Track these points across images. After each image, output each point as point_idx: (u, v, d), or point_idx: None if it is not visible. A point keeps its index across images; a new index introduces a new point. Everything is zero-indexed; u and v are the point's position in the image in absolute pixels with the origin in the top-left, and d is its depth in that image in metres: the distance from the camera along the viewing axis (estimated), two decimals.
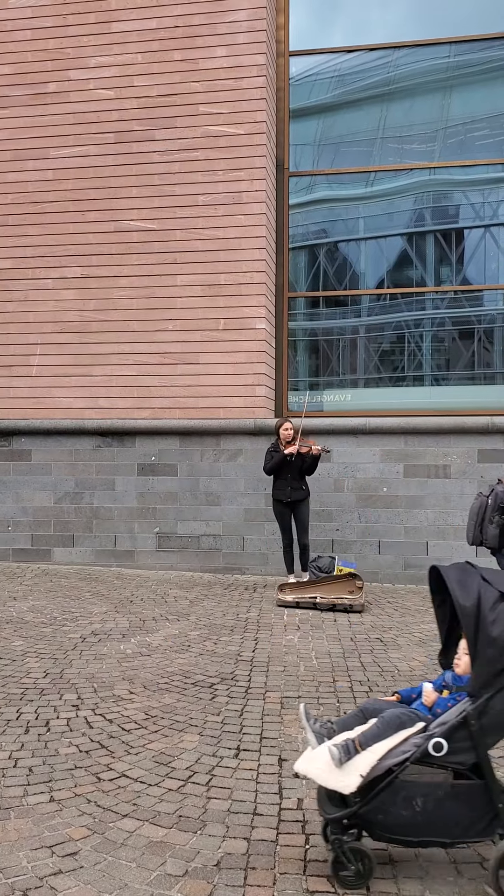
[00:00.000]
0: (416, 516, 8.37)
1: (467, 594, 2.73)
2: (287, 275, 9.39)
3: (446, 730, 2.68)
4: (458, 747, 2.68)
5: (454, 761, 2.68)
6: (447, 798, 2.68)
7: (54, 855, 2.87)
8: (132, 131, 8.88)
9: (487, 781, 2.68)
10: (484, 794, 2.68)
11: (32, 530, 9.08)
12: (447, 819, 2.68)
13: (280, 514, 7.73)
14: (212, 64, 8.73)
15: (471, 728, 2.66)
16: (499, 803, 2.67)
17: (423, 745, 2.67)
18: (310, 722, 2.92)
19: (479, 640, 2.68)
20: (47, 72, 9.04)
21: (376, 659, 5.46)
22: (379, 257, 9.58)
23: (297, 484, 7.62)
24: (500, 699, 2.67)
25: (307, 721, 2.93)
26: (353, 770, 2.68)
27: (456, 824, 2.68)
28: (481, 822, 2.69)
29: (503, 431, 8.21)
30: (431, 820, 2.67)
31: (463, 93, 9.21)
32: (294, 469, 7.52)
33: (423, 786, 2.69)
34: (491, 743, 2.70)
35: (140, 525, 8.87)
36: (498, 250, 9.19)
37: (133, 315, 8.90)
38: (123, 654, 5.46)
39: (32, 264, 9.12)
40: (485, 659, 2.68)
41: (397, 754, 2.69)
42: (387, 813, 2.68)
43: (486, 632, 2.67)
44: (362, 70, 9.40)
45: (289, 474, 7.55)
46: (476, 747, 2.67)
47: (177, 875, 2.74)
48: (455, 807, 2.68)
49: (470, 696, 2.72)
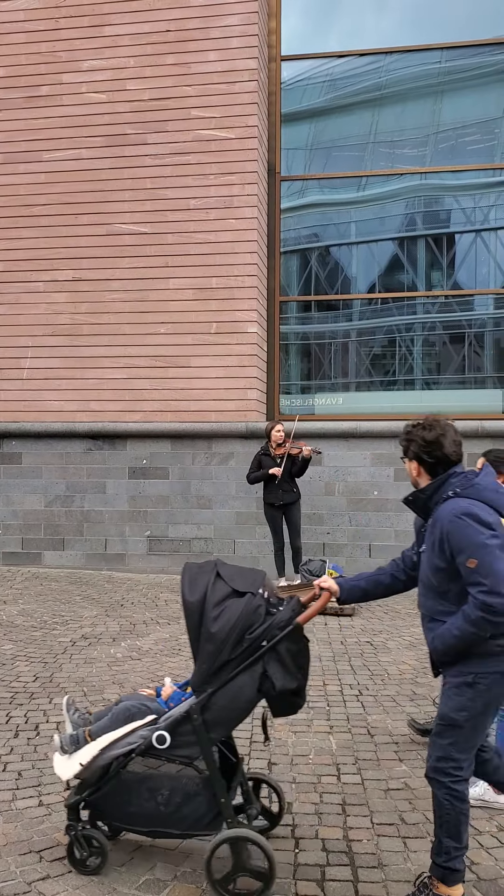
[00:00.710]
0: (407, 520, 8.38)
1: (194, 590, 2.73)
2: (279, 279, 9.41)
3: (170, 723, 2.72)
4: (183, 741, 2.71)
5: (180, 755, 2.72)
6: (176, 791, 2.72)
7: (43, 860, 2.87)
8: (125, 135, 8.89)
9: (211, 776, 2.69)
10: (208, 789, 2.70)
11: (23, 533, 9.06)
12: (176, 812, 2.72)
13: (271, 518, 7.73)
14: (204, 68, 8.75)
15: (193, 723, 2.69)
16: (221, 798, 2.68)
17: (149, 738, 2.72)
18: (69, 712, 3.06)
19: (200, 636, 2.69)
20: (40, 75, 9.03)
21: (366, 662, 5.48)
22: (370, 261, 9.61)
23: (289, 486, 7.62)
24: (222, 695, 2.68)
25: (67, 711, 3.06)
26: (76, 759, 2.78)
27: (185, 817, 2.72)
28: (207, 817, 2.72)
29: (493, 435, 8.24)
30: (161, 811, 2.72)
31: (454, 98, 9.26)
32: (284, 472, 7.53)
33: (153, 778, 2.74)
34: (215, 738, 2.73)
35: (131, 528, 8.86)
36: (488, 255, 9.23)
37: (125, 318, 8.90)
38: (113, 658, 5.46)
39: (24, 267, 9.10)
40: (205, 654, 2.68)
41: (123, 745, 2.75)
42: (117, 802, 2.75)
43: (207, 627, 2.67)
44: (354, 75, 9.43)
45: (277, 478, 7.54)
46: (199, 742, 2.69)
47: (165, 880, 2.75)
48: (183, 800, 2.72)
49: (194, 691, 2.74)
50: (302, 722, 4.28)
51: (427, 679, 5.10)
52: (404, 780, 3.58)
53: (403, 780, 3.57)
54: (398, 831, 3.11)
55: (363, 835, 3.08)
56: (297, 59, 9.48)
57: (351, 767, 3.70)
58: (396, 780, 3.56)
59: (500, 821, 3.20)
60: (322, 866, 2.85)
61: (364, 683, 5.00)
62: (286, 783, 3.51)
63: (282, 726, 4.20)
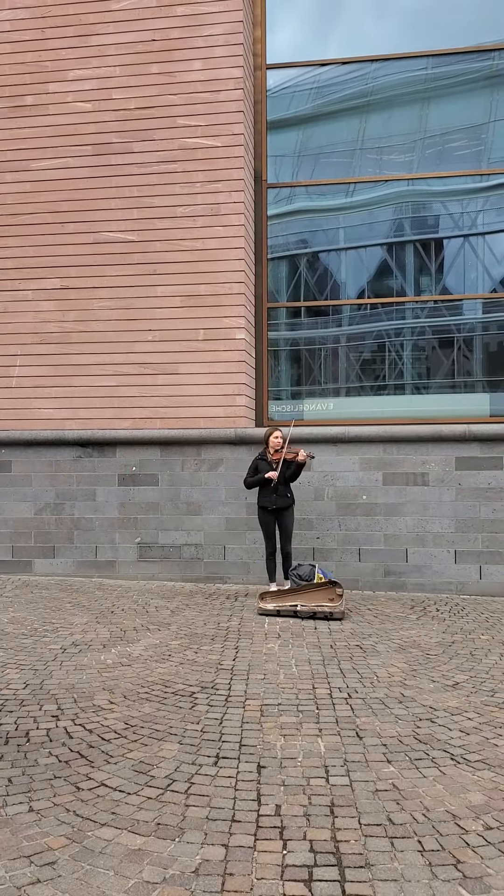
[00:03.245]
0: (396, 524, 8.43)
1: None
2: (266, 285, 9.46)
3: None
4: None
5: None
6: None
7: (32, 864, 2.88)
8: (110, 143, 8.93)
9: None
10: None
11: (13, 541, 9.06)
12: None
13: (264, 522, 7.75)
14: (189, 77, 8.81)
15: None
16: None
17: None
18: None
19: None
20: (26, 84, 9.08)
21: (355, 666, 5.50)
22: (359, 267, 9.67)
23: (283, 491, 7.66)
24: None
25: None
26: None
27: None
28: None
29: (480, 439, 8.30)
30: None
31: (440, 104, 9.33)
32: (280, 477, 7.57)
33: None
34: None
35: (121, 535, 8.87)
36: (476, 259, 9.31)
37: (113, 326, 8.93)
38: (104, 665, 5.47)
39: (11, 275, 9.13)
40: None
41: None
42: None
43: None
44: (340, 82, 9.51)
45: (272, 483, 7.58)
46: None
47: (155, 882, 2.76)
48: None
49: None
50: (291, 725, 4.30)
51: (415, 682, 5.14)
52: (392, 780, 3.60)
53: (391, 781, 3.59)
54: (385, 832, 3.13)
55: (351, 835, 3.10)
56: (283, 67, 9.55)
57: (339, 769, 3.72)
58: (384, 782, 3.59)
59: None
60: (309, 867, 2.87)
61: (353, 686, 5.02)
62: (275, 786, 3.53)
63: (271, 730, 4.22)
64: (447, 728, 4.28)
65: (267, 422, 9.32)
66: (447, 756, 3.89)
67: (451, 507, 8.33)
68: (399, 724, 4.34)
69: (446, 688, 5.02)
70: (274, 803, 3.38)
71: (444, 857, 2.94)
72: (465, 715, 4.50)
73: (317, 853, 2.97)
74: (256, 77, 9.46)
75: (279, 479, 7.56)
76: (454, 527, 8.32)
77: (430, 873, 2.83)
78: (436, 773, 3.68)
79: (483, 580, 8.25)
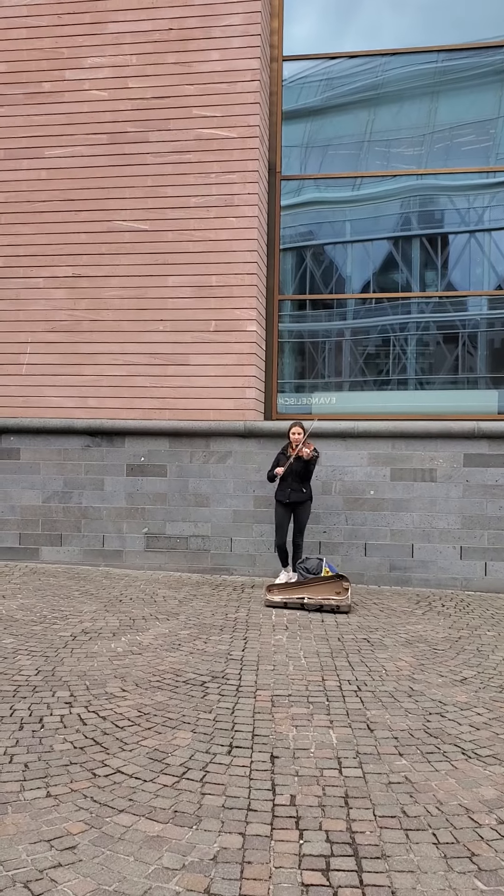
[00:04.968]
0: (402, 519, 8.46)
1: None
2: (277, 277, 9.46)
3: None
4: None
5: None
6: None
7: (53, 849, 2.91)
8: (126, 132, 8.92)
9: None
10: None
11: (20, 529, 9.09)
12: None
13: (278, 514, 7.87)
14: (206, 67, 8.79)
15: None
16: None
17: None
18: None
19: None
20: (42, 71, 9.06)
21: (364, 659, 5.54)
22: (367, 260, 9.66)
23: (298, 486, 7.72)
24: None
25: None
26: None
27: None
28: None
29: (489, 436, 8.32)
30: None
31: (453, 98, 9.31)
32: (295, 472, 7.64)
33: None
34: None
35: (129, 525, 8.90)
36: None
37: (124, 315, 8.94)
38: (115, 653, 5.50)
39: (24, 263, 9.13)
40: None
41: None
42: None
43: None
44: (352, 74, 9.48)
45: (289, 477, 7.66)
46: None
47: (174, 868, 2.80)
48: None
49: None
50: (302, 716, 4.34)
51: (424, 676, 5.17)
52: (404, 773, 3.64)
53: (404, 774, 3.63)
54: (400, 824, 3.17)
55: (366, 827, 3.13)
56: (300, 59, 9.52)
57: (352, 761, 3.76)
58: (397, 774, 3.63)
59: None
60: (326, 857, 2.90)
61: (362, 679, 5.06)
62: (289, 776, 3.57)
63: (283, 720, 4.26)
64: (457, 723, 4.32)
65: (276, 415, 9.34)
66: (458, 751, 3.93)
67: (458, 503, 8.36)
68: (409, 718, 4.37)
69: (454, 683, 5.05)
70: (289, 793, 3.42)
71: (458, 850, 2.98)
72: (474, 710, 4.53)
73: (333, 843, 3.00)
74: (272, 69, 9.44)
75: (293, 474, 7.62)
76: (460, 523, 8.35)
77: (445, 865, 2.87)
78: (448, 768, 3.72)
79: (488, 576, 8.29)
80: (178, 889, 2.66)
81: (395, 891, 2.69)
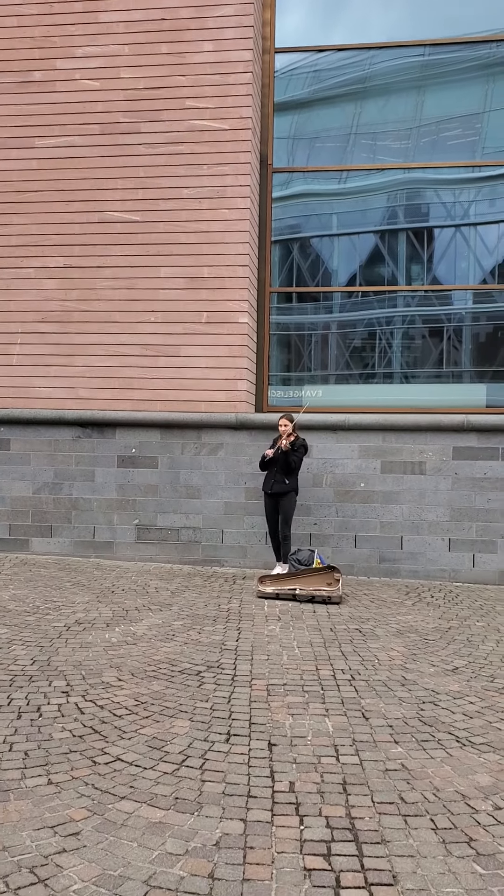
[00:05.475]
0: (392, 511, 8.52)
1: None
2: (269, 269, 9.47)
3: None
4: None
5: None
6: None
7: (57, 835, 2.94)
8: (118, 123, 8.89)
9: None
10: None
11: (10, 520, 9.07)
12: None
13: (265, 505, 8.00)
14: (198, 58, 8.76)
15: None
16: None
17: None
18: None
19: None
20: (33, 60, 9.00)
21: (356, 648, 5.59)
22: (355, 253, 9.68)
23: (280, 478, 7.78)
24: None
25: None
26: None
27: None
28: None
29: (478, 430, 8.38)
30: None
31: (442, 92, 9.34)
32: (278, 464, 7.70)
33: None
34: None
35: (119, 517, 8.90)
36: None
37: (115, 306, 8.92)
38: (109, 643, 5.52)
39: (15, 253, 9.09)
40: None
41: None
42: None
43: None
44: (340, 66, 9.48)
45: (274, 468, 7.76)
46: None
47: (178, 854, 2.83)
48: None
49: None
50: (298, 705, 4.38)
51: (416, 665, 5.23)
52: (401, 761, 3.69)
53: (400, 762, 3.68)
54: (398, 810, 3.21)
55: (365, 813, 3.18)
56: (292, 51, 9.51)
57: (349, 749, 3.81)
58: (393, 762, 3.68)
59: None
60: (327, 842, 2.95)
61: (356, 669, 5.11)
62: (287, 763, 3.61)
63: (279, 709, 4.30)
64: (450, 711, 4.38)
65: (267, 407, 9.37)
66: (452, 738, 3.98)
67: (447, 495, 8.43)
68: (403, 707, 4.43)
69: (446, 672, 5.12)
70: (287, 780, 3.46)
71: (457, 835, 3.03)
72: (466, 699, 4.59)
73: (333, 829, 3.04)
74: (264, 60, 9.43)
75: (278, 466, 7.69)
76: (449, 515, 8.42)
77: (444, 850, 2.92)
78: (443, 755, 3.77)
79: (476, 568, 8.37)
80: (183, 874, 2.69)
81: (395, 875, 2.73)
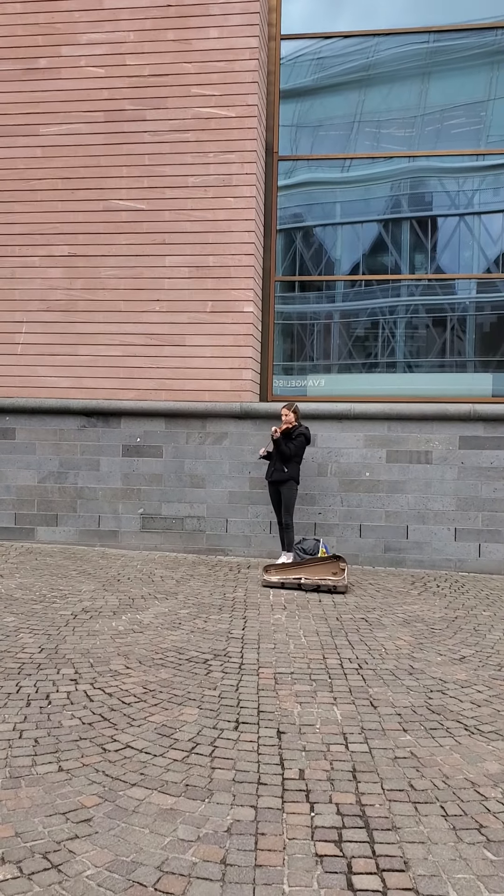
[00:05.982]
0: (397, 501, 8.52)
1: None
2: (274, 258, 9.44)
3: None
4: None
5: None
6: None
7: (69, 821, 2.95)
8: (123, 110, 8.84)
9: None
10: None
11: (16, 509, 9.08)
12: None
13: (269, 494, 8.10)
14: (204, 45, 8.71)
15: None
16: None
17: None
18: None
19: None
20: (38, 47, 8.95)
21: (363, 638, 5.60)
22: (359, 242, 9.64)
23: (279, 466, 7.83)
24: None
25: None
26: None
27: None
28: None
29: (484, 419, 8.37)
30: None
31: (448, 80, 9.28)
32: (277, 452, 7.77)
33: None
34: None
35: (124, 506, 8.91)
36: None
37: (120, 295, 8.90)
38: (116, 631, 5.53)
39: (19, 242, 9.06)
40: None
41: None
42: None
43: None
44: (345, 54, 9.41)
45: (274, 456, 7.86)
46: None
47: (189, 840, 2.84)
48: None
49: None
50: (306, 693, 4.39)
51: (423, 655, 5.24)
52: (410, 748, 3.70)
53: (409, 749, 3.69)
54: (408, 797, 3.22)
55: (375, 800, 3.19)
56: (298, 38, 9.45)
57: (358, 737, 3.81)
58: (402, 749, 3.68)
59: None
60: (338, 829, 2.96)
61: (363, 657, 5.12)
62: (297, 751, 3.62)
63: (287, 697, 4.31)
64: (458, 700, 4.39)
65: (271, 396, 9.35)
66: (461, 727, 3.99)
67: (453, 485, 8.42)
68: (411, 695, 4.43)
69: (454, 661, 5.12)
70: (297, 767, 3.47)
71: (467, 822, 3.04)
72: (474, 688, 4.60)
73: (344, 816, 3.05)
74: (270, 47, 9.36)
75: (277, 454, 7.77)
76: (455, 505, 8.42)
77: (454, 837, 2.93)
78: (452, 743, 3.78)
79: (482, 558, 8.37)
80: (195, 860, 2.70)
81: (407, 861, 2.74)
